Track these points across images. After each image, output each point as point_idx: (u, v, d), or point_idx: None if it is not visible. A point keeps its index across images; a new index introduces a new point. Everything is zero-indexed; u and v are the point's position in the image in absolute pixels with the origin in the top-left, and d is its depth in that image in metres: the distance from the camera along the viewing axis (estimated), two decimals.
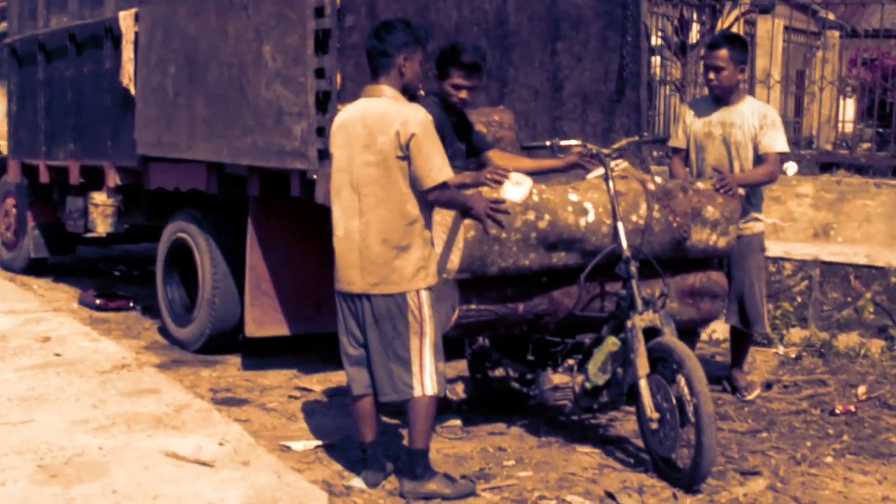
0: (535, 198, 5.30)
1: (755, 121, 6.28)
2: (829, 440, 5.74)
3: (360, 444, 4.91)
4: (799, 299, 8.22)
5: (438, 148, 4.63)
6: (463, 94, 5.52)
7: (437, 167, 4.58)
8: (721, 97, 6.37)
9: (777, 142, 6.28)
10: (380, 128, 4.59)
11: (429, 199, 4.66)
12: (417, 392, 4.67)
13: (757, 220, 6.42)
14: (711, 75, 6.34)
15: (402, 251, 4.63)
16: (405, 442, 5.19)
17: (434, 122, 4.68)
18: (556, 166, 5.82)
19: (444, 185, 4.62)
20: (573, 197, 5.45)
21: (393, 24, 4.77)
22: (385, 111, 4.62)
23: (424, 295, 4.68)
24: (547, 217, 5.30)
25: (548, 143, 5.84)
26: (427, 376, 4.68)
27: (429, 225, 4.74)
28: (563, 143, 5.83)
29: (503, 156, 5.86)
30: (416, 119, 4.59)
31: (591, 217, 5.44)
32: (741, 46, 6.44)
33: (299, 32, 6.01)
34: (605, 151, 5.68)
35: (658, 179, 5.91)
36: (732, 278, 6.30)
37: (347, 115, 4.78)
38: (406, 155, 4.56)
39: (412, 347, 4.67)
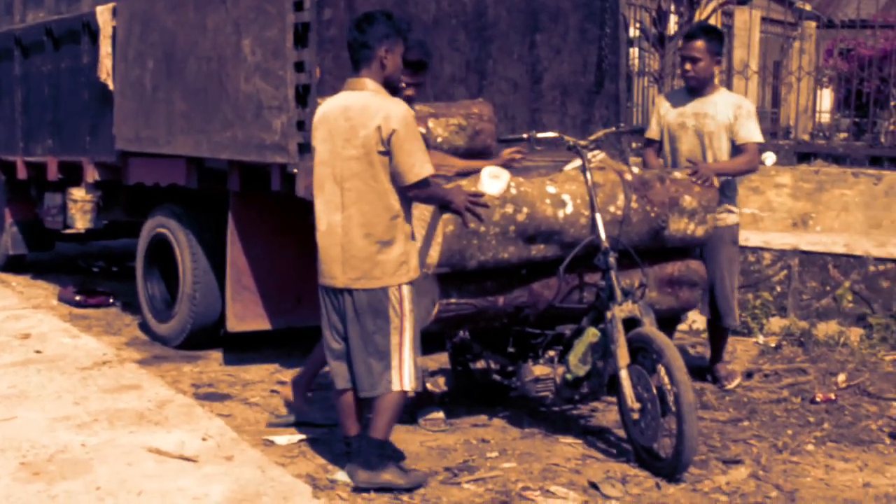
0: (513, 191, 5.31)
1: (729, 111, 6.32)
2: (810, 428, 5.78)
3: (344, 437, 4.91)
4: (778, 289, 8.26)
5: (419, 144, 4.61)
6: (409, 92, 5.45)
7: (419, 164, 4.57)
8: (696, 88, 6.40)
9: (753, 132, 6.33)
10: (361, 122, 4.58)
11: (409, 196, 4.66)
12: (396, 387, 4.66)
13: (730, 211, 6.44)
14: (688, 66, 6.37)
15: (385, 246, 4.62)
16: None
17: None
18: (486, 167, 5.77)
19: (425, 182, 4.61)
20: (551, 189, 5.47)
21: (374, 15, 4.75)
22: (367, 105, 4.61)
23: (405, 290, 4.67)
24: (525, 210, 5.31)
25: (525, 135, 5.86)
26: (406, 371, 4.67)
27: (410, 219, 4.74)
28: (541, 135, 5.85)
29: (435, 155, 5.81)
30: (398, 114, 4.57)
31: (569, 209, 5.45)
32: (717, 38, 6.48)
33: (279, 26, 6.00)
34: (582, 143, 5.70)
35: (635, 170, 5.93)
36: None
37: (329, 108, 4.76)
38: (387, 150, 4.55)
39: (392, 343, 4.65)
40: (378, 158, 4.56)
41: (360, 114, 4.60)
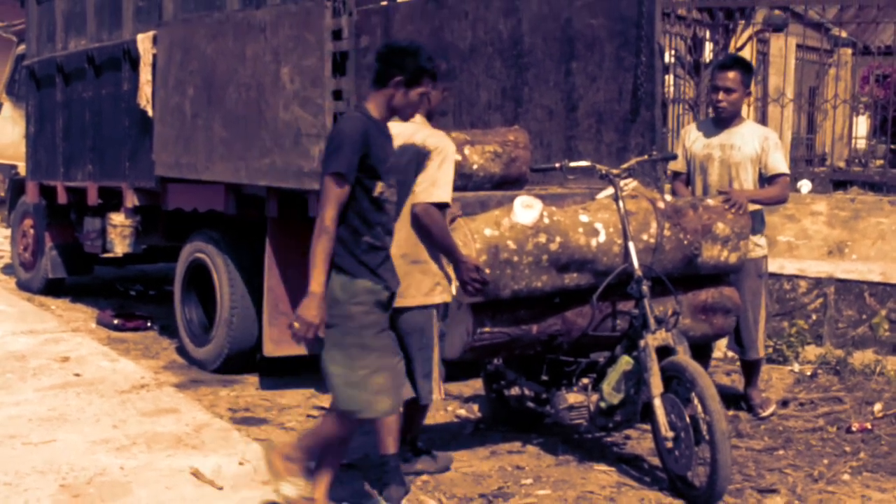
0: (546, 220, 5.34)
1: (756, 143, 6.35)
2: (846, 458, 5.76)
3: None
4: (814, 317, 8.23)
5: (443, 175, 4.83)
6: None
7: (436, 187, 4.83)
8: (725, 119, 6.42)
9: (782, 163, 6.37)
10: (409, 148, 4.84)
11: (414, 211, 4.85)
12: (436, 395, 5.05)
13: (757, 244, 6.41)
14: (721, 95, 6.38)
15: (418, 265, 4.85)
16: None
17: (365, 134, 4.37)
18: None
19: (435, 206, 4.85)
20: (584, 218, 5.50)
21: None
22: (413, 133, 4.87)
23: (439, 309, 4.97)
24: (558, 239, 5.34)
25: (557, 164, 5.90)
26: (439, 382, 5.06)
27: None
28: (573, 164, 5.88)
29: None
30: (437, 143, 4.86)
31: (602, 237, 5.48)
32: (749, 70, 6.53)
33: (317, 55, 6.07)
34: (614, 171, 5.73)
35: (668, 197, 5.95)
36: None
37: None
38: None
39: (433, 356, 4.98)
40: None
41: (406, 140, 4.84)
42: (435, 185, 4.83)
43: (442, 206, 4.90)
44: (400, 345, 4.89)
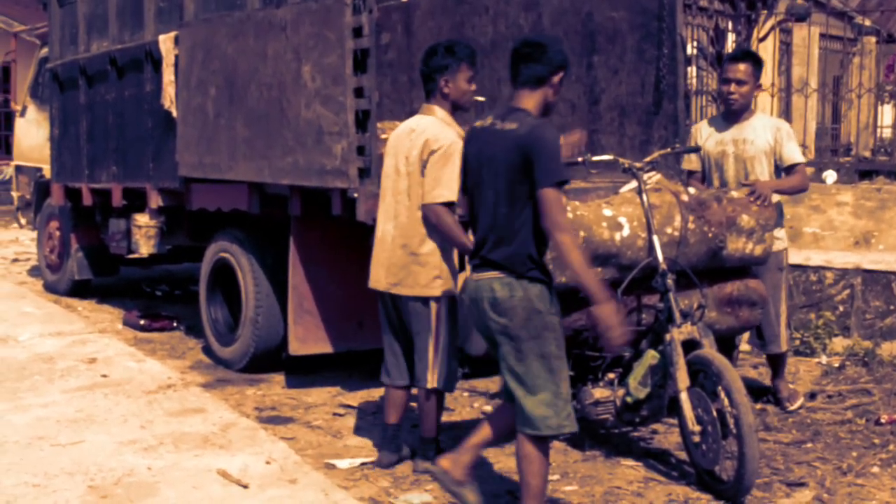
0: (570, 215, 5.32)
1: (769, 135, 6.30)
2: (875, 450, 5.72)
3: (385, 424, 5.43)
4: (841, 308, 8.18)
5: (450, 172, 4.94)
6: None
7: (441, 187, 4.96)
8: (736, 112, 6.37)
9: (797, 153, 6.34)
10: (418, 142, 5.04)
11: (423, 212, 5.06)
12: (430, 384, 5.19)
13: (776, 238, 6.36)
14: (732, 87, 6.33)
15: (418, 257, 5.08)
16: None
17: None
18: None
19: (445, 206, 4.98)
20: (607, 212, 5.48)
21: (435, 49, 5.18)
22: (427, 128, 5.07)
23: (440, 301, 5.13)
24: (582, 233, 5.32)
25: (580, 159, 5.87)
26: (438, 372, 5.19)
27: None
28: (596, 158, 5.86)
29: None
30: (443, 140, 5.02)
31: (625, 231, 5.46)
32: (760, 63, 6.49)
33: (338, 52, 6.07)
34: (638, 165, 5.70)
35: (692, 190, 5.92)
36: None
37: (401, 128, 5.28)
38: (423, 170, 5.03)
39: (429, 344, 5.15)
40: (419, 178, 5.03)
41: (419, 136, 5.07)
42: (439, 184, 4.99)
43: (448, 205, 5.02)
44: (403, 329, 5.30)
